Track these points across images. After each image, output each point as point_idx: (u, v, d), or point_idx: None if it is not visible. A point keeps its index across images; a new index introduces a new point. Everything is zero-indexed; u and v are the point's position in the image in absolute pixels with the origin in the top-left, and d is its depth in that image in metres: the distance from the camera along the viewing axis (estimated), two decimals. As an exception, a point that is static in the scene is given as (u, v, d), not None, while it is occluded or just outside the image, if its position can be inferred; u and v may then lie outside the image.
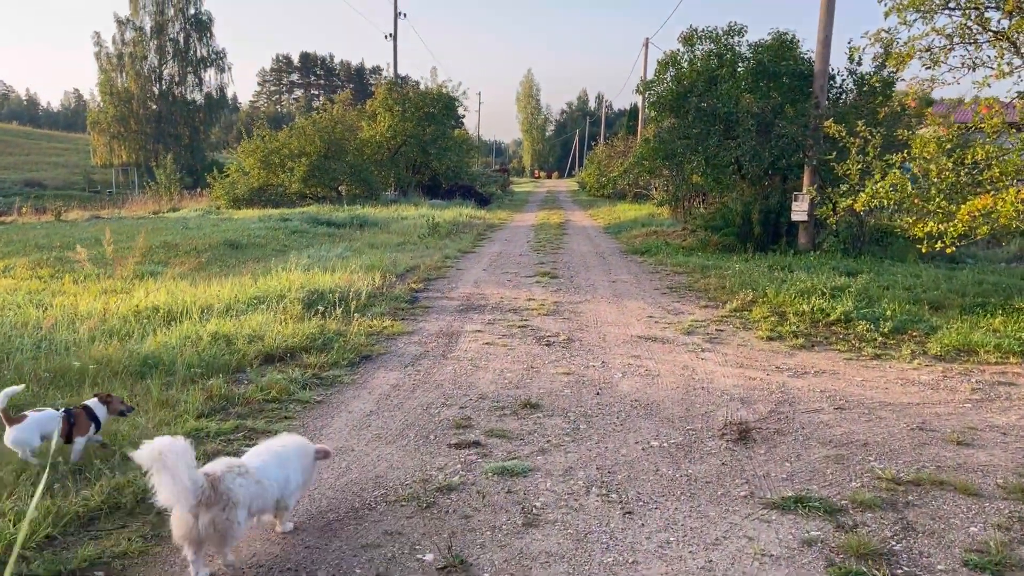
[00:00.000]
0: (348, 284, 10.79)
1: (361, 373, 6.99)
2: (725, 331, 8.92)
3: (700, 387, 6.57)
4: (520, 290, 11.74)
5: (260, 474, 3.58)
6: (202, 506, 3.28)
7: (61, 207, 34.32)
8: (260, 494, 3.54)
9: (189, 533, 3.31)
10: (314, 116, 36.68)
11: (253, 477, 3.51)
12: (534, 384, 6.58)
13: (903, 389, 6.63)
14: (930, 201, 9.58)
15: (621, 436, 5.32)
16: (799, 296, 10.22)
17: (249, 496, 3.45)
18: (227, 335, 7.82)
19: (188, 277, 12.44)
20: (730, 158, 15.45)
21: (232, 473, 3.43)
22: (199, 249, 16.46)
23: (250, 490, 3.46)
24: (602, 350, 7.91)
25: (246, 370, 6.91)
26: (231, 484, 3.38)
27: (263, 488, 3.56)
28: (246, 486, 3.44)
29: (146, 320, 8.61)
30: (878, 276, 12.01)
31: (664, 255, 15.87)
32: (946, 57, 9.79)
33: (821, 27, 14.54)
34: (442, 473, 4.64)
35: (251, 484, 3.48)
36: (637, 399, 6.18)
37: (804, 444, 5.22)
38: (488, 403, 6.04)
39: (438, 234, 20.33)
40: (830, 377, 6.99)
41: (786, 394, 6.41)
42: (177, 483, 3.19)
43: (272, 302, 9.39)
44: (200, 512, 3.28)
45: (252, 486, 3.48)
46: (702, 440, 5.26)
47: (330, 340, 7.89)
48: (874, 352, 7.93)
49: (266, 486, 3.58)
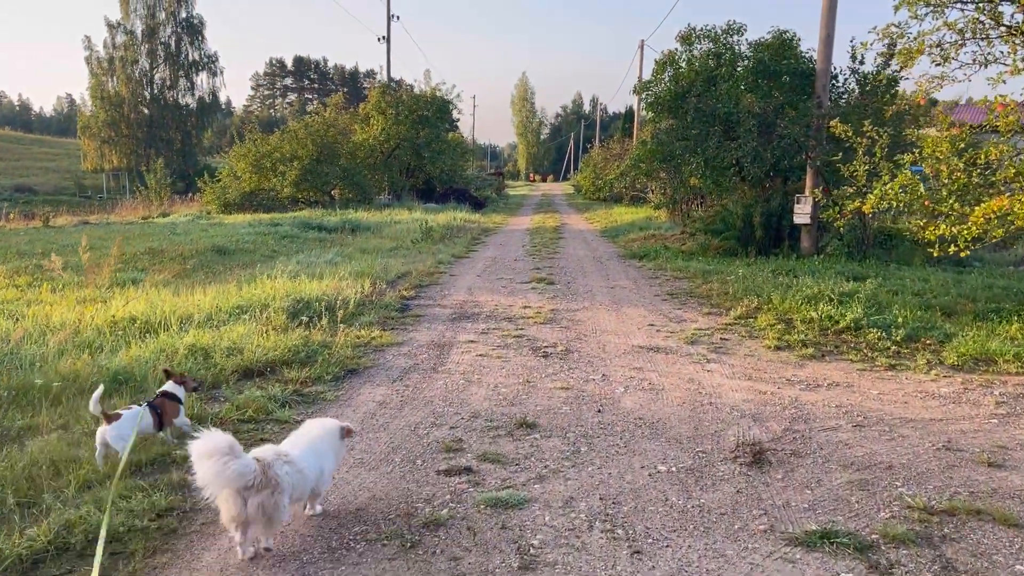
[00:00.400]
0: (336, 292, 10.35)
1: (345, 389, 6.55)
2: (730, 340, 8.50)
3: (708, 403, 6.15)
4: (515, 297, 11.32)
5: (300, 463, 3.73)
6: (252, 490, 3.44)
7: (49, 212, 33.84)
8: (301, 481, 3.71)
9: (238, 516, 3.47)
10: (306, 119, 36.26)
11: (296, 465, 3.67)
12: (530, 400, 6.15)
13: (923, 403, 6.23)
14: (942, 203, 9.19)
15: (625, 460, 4.90)
16: (806, 302, 9.82)
17: (293, 483, 3.62)
18: (205, 348, 7.39)
19: (171, 284, 12.01)
20: (730, 160, 15.05)
21: (280, 460, 3.60)
22: (185, 255, 16.00)
23: (294, 477, 3.63)
24: (602, 362, 7.49)
25: (223, 386, 6.47)
26: (279, 470, 3.54)
27: (304, 476, 3.73)
28: (291, 473, 3.61)
29: (122, 331, 8.17)
30: (885, 281, 11.62)
31: (663, 259, 15.46)
32: (956, 53, 9.42)
33: (823, 24, 14.15)
34: (429, 505, 4.21)
35: (295, 472, 3.65)
36: (641, 417, 5.76)
37: (824, 467, 4.80)
38: (481, 422, 5.61)
39: (431, 239, 19.90)
40: (845, 390, 6.58)
41: (800, 410, 5.99)
42: (227, 470, 3.33)
43: (255, 312, 8.96)
44: (250, 496, 3.45)
45: (296, 474, 3.65)
46: (713, 464, 4.84)
47: (314, 353, 7.45)
48: (888, 362, 7.53)
49: (306, 474, 3.75)
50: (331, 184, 33.90)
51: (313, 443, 3.98)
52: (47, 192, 54.91)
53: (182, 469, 4.69)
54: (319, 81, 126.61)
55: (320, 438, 4.05)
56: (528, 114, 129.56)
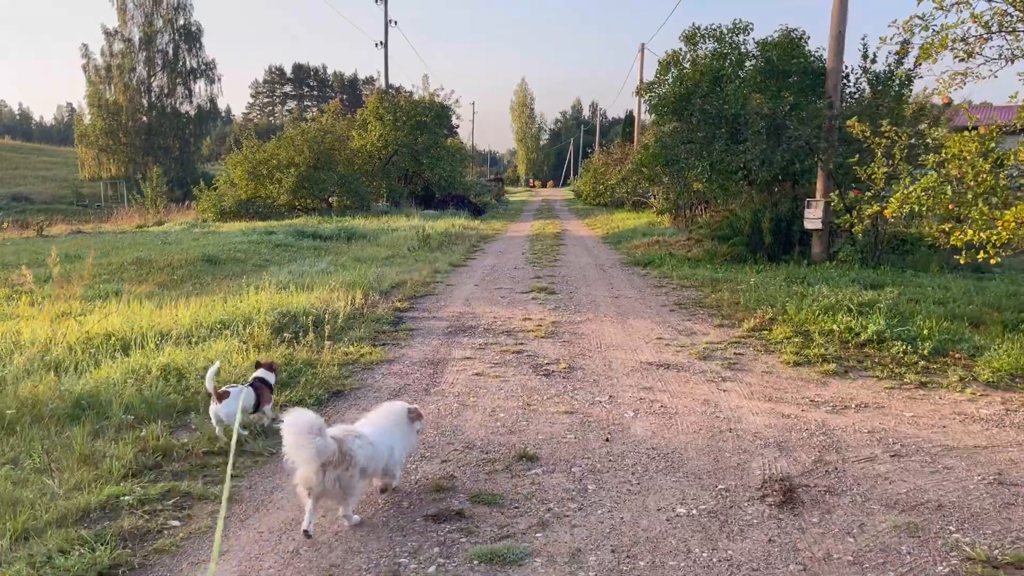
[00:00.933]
0: (325, 304, 9.80)
1: (329, 414, 5.98)
2: (745, 355, 7.93)
3: (727, 428, 5.58)
4: (515, 308, 10.75)
5: (372, 437, 4.02)
6: (329, 465, 3.71)
7: (43, 222, 33.39)
8: (374, 456, 4.00)
9: (315, 488, 3.75)
10: (303, 126, 35.76)
11: (368, 440, 3.97)
12: (531, 428, 5.58)
13: (964, 427, 5.65)
14: (968, 207, 8.63)
15: (639, 500, 4.32)
16: (823, 313, 9.24)
17: (366, 457, 3.90)
18: (180, 368, 6.84)
19: (156, 296, 11.47)
20: (738, 163, 14.48)
21: (352, 436, 3.90)
22: (173, 265, 15.45)
23: (367, 451, 3.92)
24: (608, 381, 6.92)
25: (195, 412, 5.90)
26: (352, 446, 3.83)
27: (376, 451, 4.01)
28: (364, 448, 3.90)
29: (95, 349, 7.63)
30: (903, 288, 11.05)
31: (669, 267, 14.88)
32: (981, 48, 8.87)
33: (834, 21, 13.61)
34: (415, 560, 3.64)
35: (368, 447, 3.94)
36: (654, 447, 5.19)
37: (865, 508, 4.23)
38: (476, 455, 5.04)
39: (429, 246, 19.34)
40: (875, 413, 6.01)
41: (829, 437, 5.42)
42: (310, 447, 3.62)
43: (238, 326, 8.40)
44: (327, 470, 3.72)
45: (368, 448, 3.94)
46: (739, 505, 4.27)
47: (297, 373, 6.89)
48: (918, 379, 6.96)
49: (379, 450, 4.04)
50: (328, 191, 33.39)
51: (383, 426, 4.24)
52: (44, 201, 54.46)
53: (136, 514, 4.14)
54: (318, 88, 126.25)
55: (389, 419, 4.32)
56: (527, 120, 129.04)
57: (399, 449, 4.27)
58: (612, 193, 37.84)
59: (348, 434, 3.90)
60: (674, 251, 17.79)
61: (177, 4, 59.50)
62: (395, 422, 4.32)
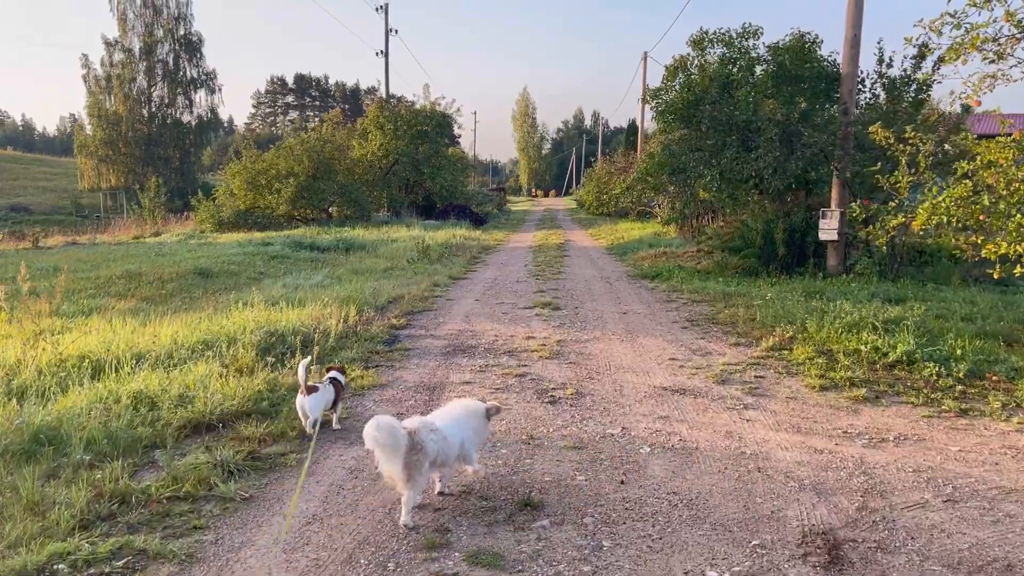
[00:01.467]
0: (316, 322, 9.23)
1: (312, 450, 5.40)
2: (766, 378, 7.35)
3: (755, 467, 5.00)
4: (517, 325, 10.18)
5: (445, 431, 4.29)
6: (403, 451, 4.04)
7: (39, 233, 33.00)
8: (445, 448, 4.26)
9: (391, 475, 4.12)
10: (302, 135, 35.29)
11: (441, 433, 4.25)
12: (536, 466, 5.00)
13: (1018, 465, 5.06)
14: (1000, 217, 8.06)
15: (663, 561, 3.74)
16: (847, 331, 8.66)
17: (437, 448, 4.18)
18: (152, 396, 6.27)
19: (141, 312, 10.92)
20: (750, 171, 13.90)
21: (425, 428, 4.19)
22: (163, 279, 14.92)
23: (439, 444, 4.20)
24: (620, 409, 6.34)
25: (163, 447, 5.34)
26: (424, 436, 4.13)
27: (448, 444, 4.28)
28: (436, 440, 4.19)
29: (66, 373, 7.07)
30: (927, 303, 10.47)
31: (678, 280, 14.30)
32: (1012, 49, 8.31)
33: (849, 24, 13.06)
34: (399, 644, 3.06)
35: (440, 439, 4.22)
36: (675, 491, 4.60)
37: (924, 571, 3.64)
38: (474, 501, 4.46)
39: (429, 258, 18.77)
40: (916, 447, 5.42)
41: (870, 477, 4.83)
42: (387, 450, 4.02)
43: (222, 347, 7.83)
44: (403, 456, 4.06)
45: (441, 441, 4.22)
46: (778, 566, 3.68)
47: (280, 401, 6.32)
48: (956, 406, 6.37)
49: (450, 443, 4.30)
50: (328, 201, 32.90)
51: (457, 419, 4.50)
52: (43, 212, 54.10)
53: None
54: (320, 98, 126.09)
55: (463, 415, 4.58)
56: (529, 129, 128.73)
57: (471, 443, 4.53)
58: (616, 203, 37.29)
59: (423, 426, 4.21)
60: (682, 263, 17.22)
61: (178, 14, 59.23)
62: (470, 420, 4.57)
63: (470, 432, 4.51)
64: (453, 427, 4.38)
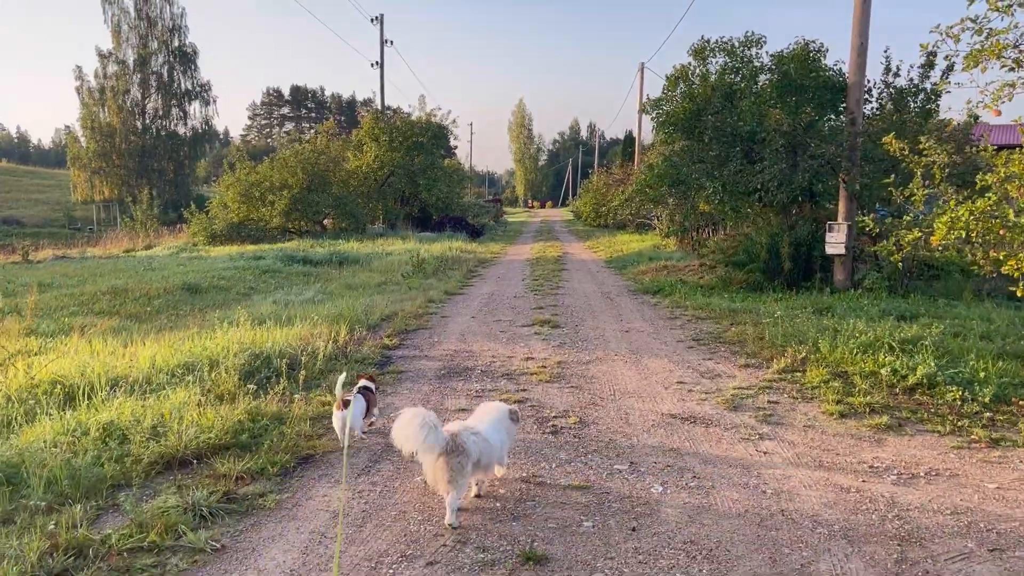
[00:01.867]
0: (304, 342, 8.78)
1: (293, 489, 4.96)
2: (780, 404, 6.92)
3: (777, 510, 4.56)
4: (516, 345, 9.74)
5: (487, 434, 4.48)
6: (445, 454, 4.22)
7: (29, 246, 32.47)
8: (488, 450, 4.44)
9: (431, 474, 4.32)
10: (296, 147, 34.90)
11: (483, 436, 4.44)
12: (538, 511, 4.55)
13: (1064, 505, 4.63)
14: (1021, 231, 7.66)
15: (683, 630, 3.30)
16: (862, 352, 8.24)
17: (479, 450, 4.36)
18: (123, 428, 5.82)
19: (124, 331, 10.46)
20: (755, 184, 13.51)
21: (467, 432, 4.37)
22: (150, 295, 14.45)
23: (480, 446, 4.38)
24: (627, 440, 5.90)
25: (129, 487, 4.89)
26: (465, 439, 4.30)
27: (490, 446, 4.48)
28: (478, 443, 4.37)
29: (36, 400, 6.62)
30: (942, 321, 10.06)
31: (681, 295, 13.88)
32: (1032, 56, 7.95)
33: (855, 32, 12.72)
34: None
35: (482, 441, 4.41)
36: (692, 539, 4.16)
37: (982, 640, 3.21)
38: (470, 553, 4.01)
39: (424, 272, 18.33)
40: (951, 484, 4.99)
41: (905, 521, 4.39)
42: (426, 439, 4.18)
43: (203, 370, 7.39)
44: (446, 459, 4.23)
45: (483, 443, 4.41)
46: (816, 636, 3.24)
47: (262, 432, 5.88)
48: (987, 435, 5.95)
49: (492, 444, 4.51)
50: (322, 213, 32.50)
51: (495, 420, 4.72)
52: (36, 224, 53.62)
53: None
54: (316, 110, 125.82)
55: (498, 419, 4.77)
56: (526, 140, 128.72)
57: (506, 443, 4.79)
58: (614, 214, 36.93)
59: (465, 429, 4.37)
60: (684, 277, 16.81)
61: (172, 26, 58.94)
62: (501, 421, 4.77)
63: (504, 434, 4.74)
64: (490, 430, 4.57)
